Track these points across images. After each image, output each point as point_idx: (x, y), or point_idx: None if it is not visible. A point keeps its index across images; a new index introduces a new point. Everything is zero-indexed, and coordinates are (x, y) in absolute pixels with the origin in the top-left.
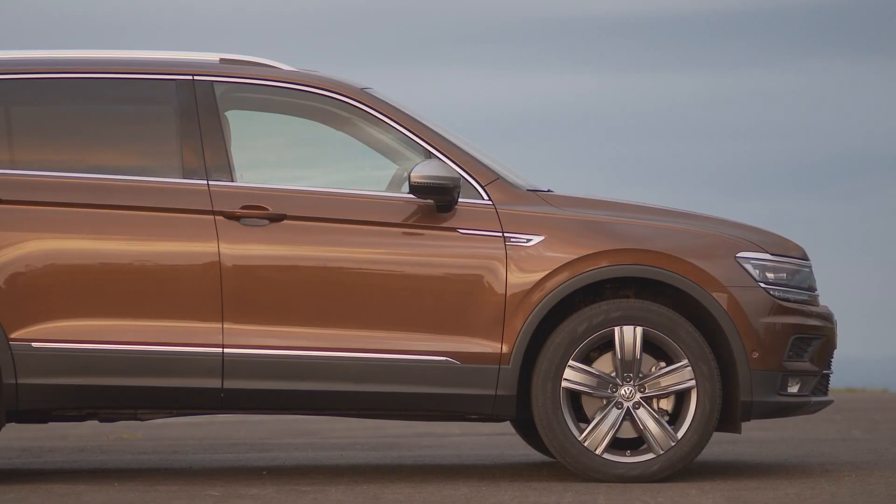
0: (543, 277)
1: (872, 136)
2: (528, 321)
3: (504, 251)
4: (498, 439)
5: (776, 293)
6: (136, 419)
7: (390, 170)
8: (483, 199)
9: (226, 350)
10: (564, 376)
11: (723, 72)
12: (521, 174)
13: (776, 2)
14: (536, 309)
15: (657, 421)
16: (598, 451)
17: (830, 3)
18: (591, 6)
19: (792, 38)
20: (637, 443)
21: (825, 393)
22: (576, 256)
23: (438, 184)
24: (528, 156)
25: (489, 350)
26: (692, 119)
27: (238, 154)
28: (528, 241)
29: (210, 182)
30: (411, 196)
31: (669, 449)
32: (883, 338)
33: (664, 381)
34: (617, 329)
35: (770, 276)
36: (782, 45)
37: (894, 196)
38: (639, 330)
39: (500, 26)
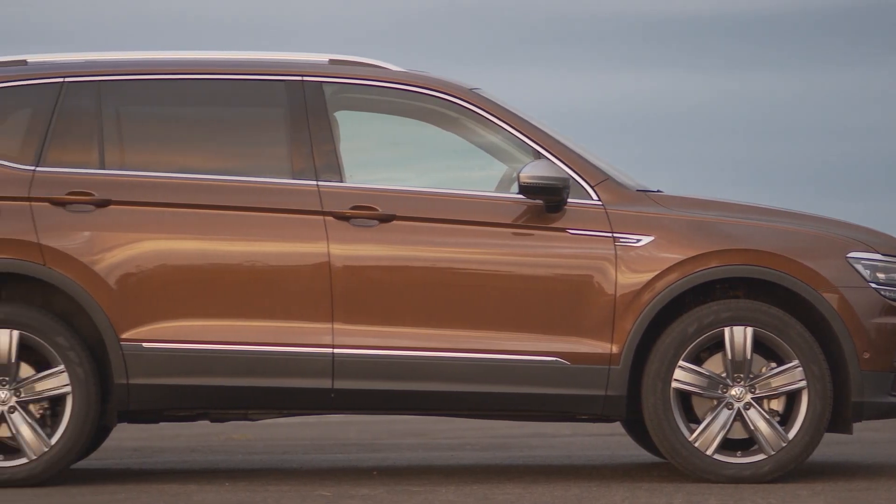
0: (653, 278)
1: None
2: (638, 321)
3: (614, 251)
4: (608, 440)
5: (887, 293)
6: (247, 419)
7: (499, 170)
8: (592, 199)
9: (336, 350)
10: (675, 377)
11: (819, 71)
12: (630, 174)
13: None
14: (646, 309)
15: (768, 422)
16: (709, 452)
17: None
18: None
19: (891, 36)
20: (748, 443)
21: None
22: (686, 257)
23: (548, 184)
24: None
25: (599, 350)
26: (793, 118)
27: (347, 154)
28: (638, 241)
29: (320, 183)
30: (521, 196)
31: (780, 450)
32: None
33: (775, 382)
34: (727, 329)
35: (881, 276)
36: (881, 43)
37: None
38: (749, 330)
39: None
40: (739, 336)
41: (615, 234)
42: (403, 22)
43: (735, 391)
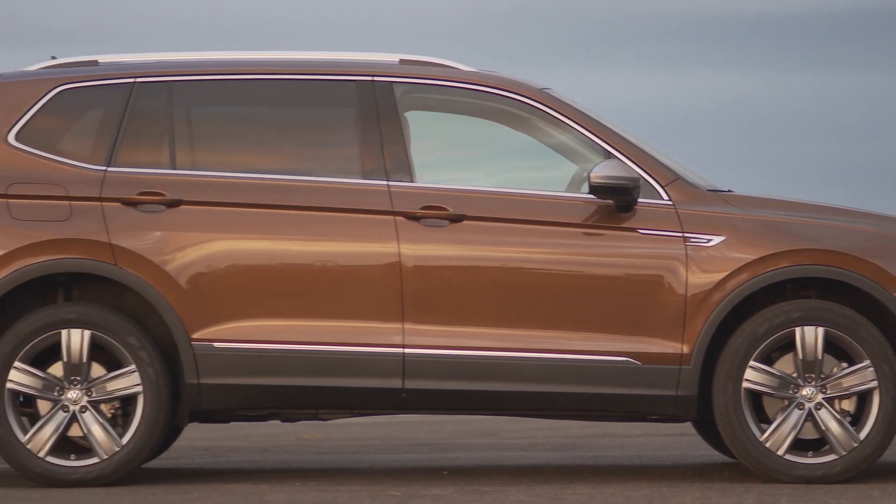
0: (724, 278)
1: None
2: (708, 321)
3: (684, 251)
4: (679, 440)
5: None
6: (318, 419)
7: (569, 170)
8: (663, 199)
9: (406, 350)
10: (745, 377)
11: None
12: (701, 174)
13: None
14: (717, 309)
15: (839, 422)
16: (780, 452)
17: None
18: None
19: None
20: (819, 444)
21: None
22: (757, 257)
23: (618, 184)
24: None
25: (670, 350)
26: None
27: (417, 155)
28: (709, 241)
29: (390, 183)
30: (591, 196)
31: (852, 450)
32: None
33: (846, 382)
34: (798, 329)
35: None
36: None
37: None
38: (820, 330)
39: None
40: (810, 336)
41: (686, 234)
42: (472, 22)
43: (806, 391)
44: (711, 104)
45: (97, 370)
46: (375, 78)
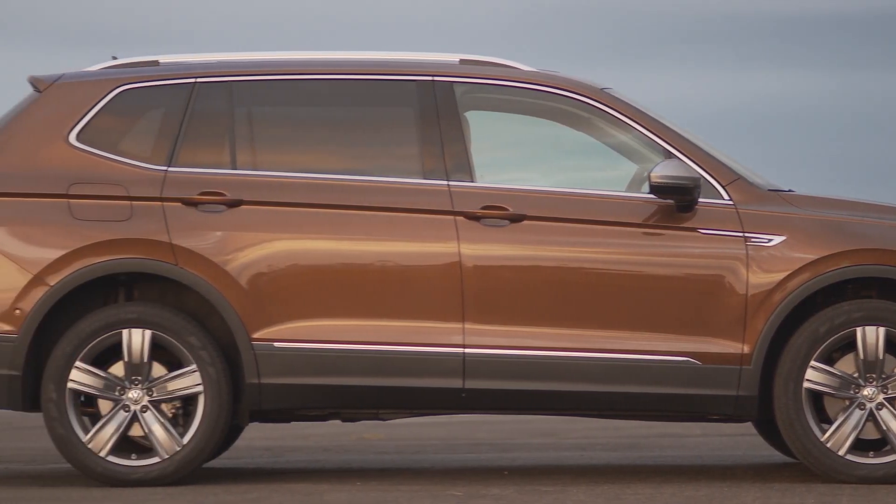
0: (785, 278)
1: None
2: (769, 321)
3: (745, 251)
4: (740, 440)
5: None
6: (378, 419)
7: (630, 170)
8: (724, 199)
9: (467, 350)
10: (806, 377)
11: None
12: (761, 174)
13: None
14: (778, 309)
15: None
16: (841, 452)
17: None
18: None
19: None
20: (880, 444)
21: None
22: (817, 256)
23: (679, 184)
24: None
25: (730, 350)
26: None
27: (477, 154)
28: (770, 241)
29: (450, 182)
30: (652, 196)
31: None
32: None
33: None
34: (859, 329)
35: None
36: None
37: None
38: (881, 330)
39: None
40: (872, 336)
41: (746, 234)
42: (531, 21)
43: (867, 391)
44: (770, 104)
45: (158, 370)
46: (436, 78)
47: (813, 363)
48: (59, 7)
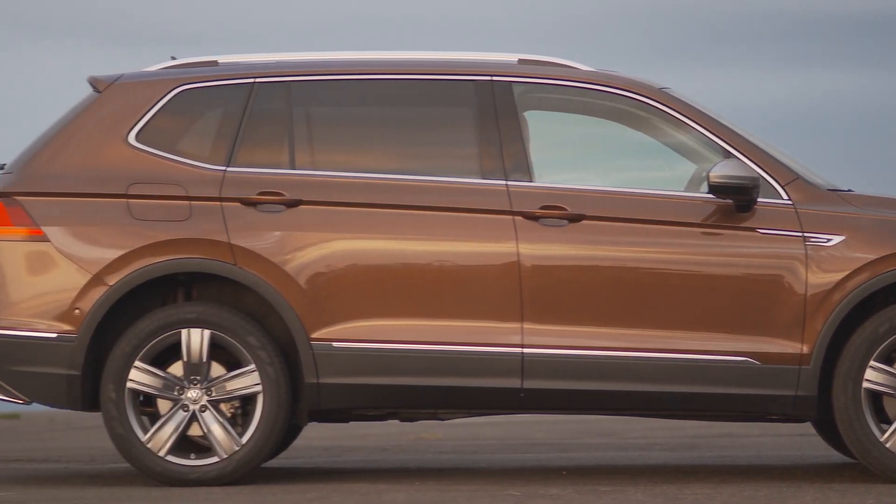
0: (844, 277)
1: None
2: (828, 321)
3: (804, 251)
4: (799, 440)
5: None
6: (437, 419)
7: (688, 169)
8: (782, 198)
9: (525, 350)
10: (865, 377)
11: None
12: (821, 173)
13: None
14: (837, 309)
15: None
16: None
17: None
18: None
19: None
20: None
21: None
22: (877, 256)
23: (738, 184)
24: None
25: (789, 350)
26: None
27: (536, 154)
28: (829, 240)
29: (509, 182)
30: (710, 196)
31: None
32: None
33: None
34: None
35: None
36: None
37: None
38: None
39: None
40: None
41: (805, 234)
42: (590, 21)
43: None
44: (830, 102)
45: (217, 370)
46: (494, 78)
47: (872, 363)
48: (119, 8)
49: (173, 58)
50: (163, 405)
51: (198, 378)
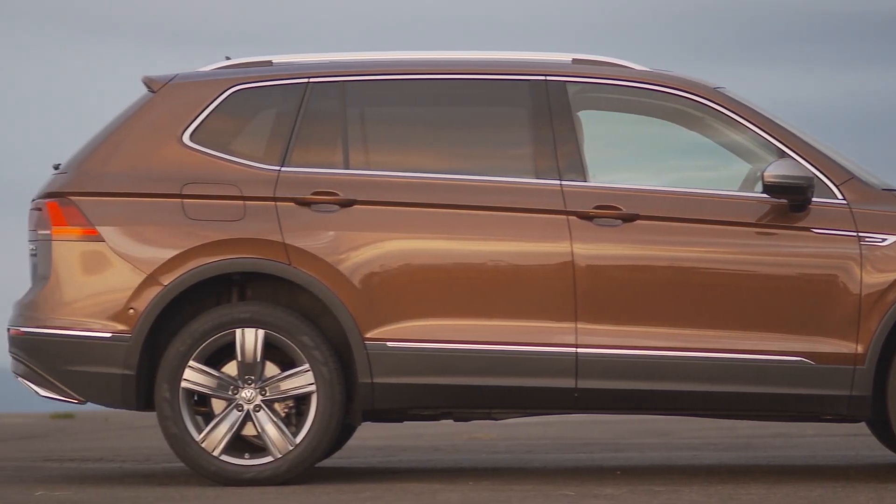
0: None
1: None
2: (883, 321)
3: (859, 251)
4: (853, 440)
5: None
6: (491, 419)
7: (743, 169)
8: (837, 198)
9: (579, 350)
10: None
11: None
12: (876, 173)
13: None
14: (892, 309)
15: None
16: None
17: None
18: None
19: None
20: None
21: None
22: None
23: (793, 183)
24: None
25: (844, 350)
26: None
27: (590, 154)
28: (884, 240)
29: (563, 182)
30: (765, 195)
31: None
32: None
33: None
34: None
35: None
36: None
37: None
38: None
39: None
40: None
41: (860, 234)
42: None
43: None
44: (889, 102)
45: (271, 369)
46: (548, 77)
47: None
48: (174, 8)
49: (228, 58)
50: (217, 405)
51: (252, 378)
